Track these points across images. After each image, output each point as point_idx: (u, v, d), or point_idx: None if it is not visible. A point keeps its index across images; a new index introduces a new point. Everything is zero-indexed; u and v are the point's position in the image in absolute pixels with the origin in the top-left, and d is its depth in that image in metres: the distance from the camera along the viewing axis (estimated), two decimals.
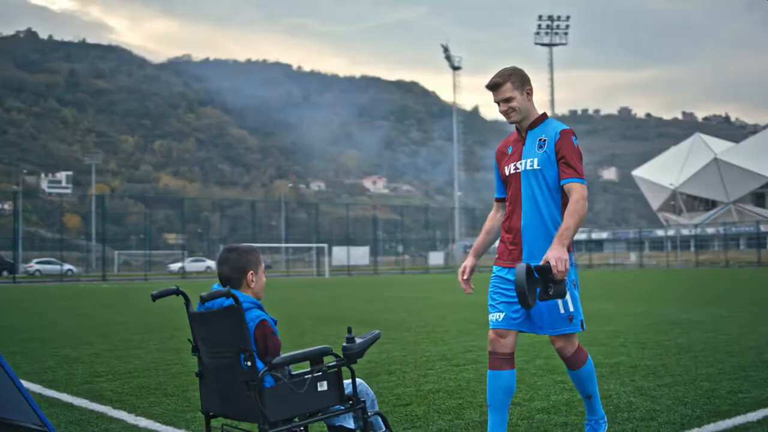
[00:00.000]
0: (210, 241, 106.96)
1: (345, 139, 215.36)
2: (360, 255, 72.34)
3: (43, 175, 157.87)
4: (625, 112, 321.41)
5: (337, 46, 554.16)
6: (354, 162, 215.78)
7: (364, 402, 3.75)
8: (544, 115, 4.66)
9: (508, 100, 4.54)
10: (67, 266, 64.62)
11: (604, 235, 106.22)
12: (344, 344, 3.72)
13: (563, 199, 4.47)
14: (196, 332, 3.71)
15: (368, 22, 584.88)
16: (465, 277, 4.71)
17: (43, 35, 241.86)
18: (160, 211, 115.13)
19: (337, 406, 3.70)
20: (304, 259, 79.81)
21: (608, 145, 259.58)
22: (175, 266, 68.61)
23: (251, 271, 3.86)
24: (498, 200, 4.87)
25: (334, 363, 3.67)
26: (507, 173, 4.65)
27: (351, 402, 3.69)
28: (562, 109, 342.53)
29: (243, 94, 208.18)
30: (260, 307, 3.70)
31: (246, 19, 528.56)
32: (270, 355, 3.54)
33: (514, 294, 4.40)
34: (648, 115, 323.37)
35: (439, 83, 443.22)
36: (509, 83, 4.54)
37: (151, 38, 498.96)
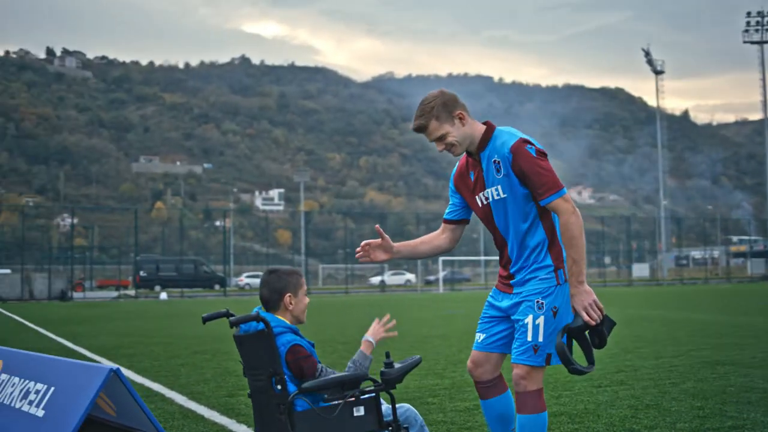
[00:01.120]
0: None
1: (548, 149, 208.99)
2: None
3: (256, 193, 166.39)
4: None
5: (538, 56, 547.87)
6: (558, 172, 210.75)
7: (407, 428, 3.70)
8: (488, 128, 4.12)
9: (441, 138, 4.06)
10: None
11: None
12: (382, 369, 3.69)
13: (545, 213, 4.05)
14: (240, 354, 3.81)
15: (569, 30, 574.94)
16: (364, 244, 4.29)
17: (256, 61, 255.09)
18: (365, 225, 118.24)
19: None
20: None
21: None
22: (375, 279, 70.20)
23: (289, 294, 3.87)
24: (446, 222, 4.40)
25: (371, 388, 3.65)
26: (479, 205, 4.19)
27: (391, 428, 3.66)
28: None
29: None
30: (294, 332, 3.73)
31: (446, 33, 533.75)
32: (306, 378, 3.57)
33: (498, 315, 4.20)
34: None
35: (645, 88, 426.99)
36: (433, 120, 4.03)
37: (356, 58, 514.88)
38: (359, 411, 3.58)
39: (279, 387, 3.46)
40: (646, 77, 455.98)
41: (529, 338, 3.95)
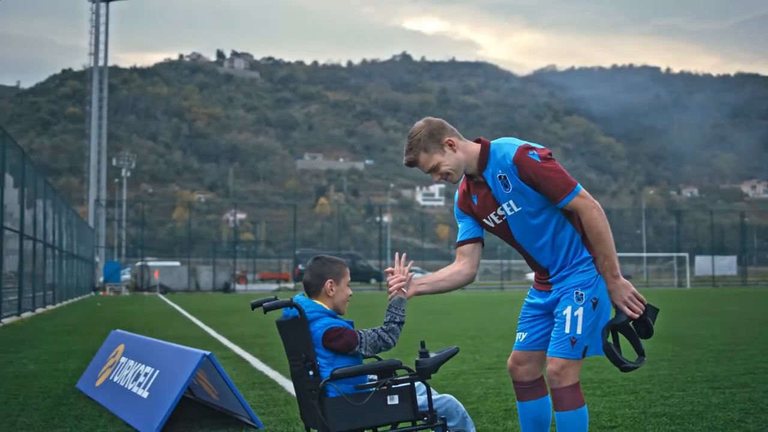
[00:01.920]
0: None
1: (719, 141, 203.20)
2: (725, 265, 67.71)
3: (417, 189, 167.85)
4: None
5: (709, 45, 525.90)
6: (729, 166, 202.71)
7: (444, 419, 3.65)
8: (483, 145, 3.97)
9: (435, 169, 3.94)
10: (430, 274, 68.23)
11: None
12: (417, 359, 3.66)
13: (564, 213, 3.90)
14: (282, 340, 3.87)
15: (743, 16, 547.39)
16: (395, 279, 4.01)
17: (417, 57, 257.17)
18: None
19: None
20: (667, 269, 76.64)
21: None
22: (531, 275, 69.33)
23: (331, 280, 3.87)
24: (460, 245, 4.19)
25: (405, 377, 3.63)
26: (492, 225, 4.03)
27: (426, 418, 3.62)
28: None
29: (609, 100, 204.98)
30: (332, 315, 3.73)
31: (609, 23, 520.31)
32: (352, 349, 3.59)
33: (539, 312, 4.05)
34: None
35: None
36: (422, 153, 3.92)
37: (517, 51, 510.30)
38: (393, 399, 3.56)
39: (311, 373, 3.49)
40: None
41: (567, 330, 3.82)
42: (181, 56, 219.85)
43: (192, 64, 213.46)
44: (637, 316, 3.69)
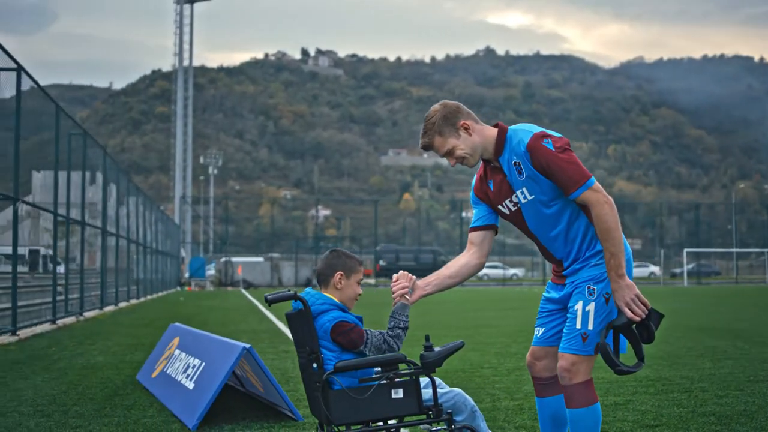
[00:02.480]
0: (666, 246, 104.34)
1: None
2: None
3: None
4: None
5: None
6: None
7: (450, 413, 3.63)
8: (500, 130, 3.92)
9: (450, 152, 3.90)
10: (512, 271, 67.59)
11: None
12: (422, 353, 3.64)
13: (579, 205, 3.81)
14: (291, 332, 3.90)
15: None
16: (398, 286, 3.95)
17: (500, 51, 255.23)
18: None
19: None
20: (759, 266, 74.34)
21: None
22: None
23: (341, 273, 3.87)
24: (472, 230, 4.16)
25: (410, 371, 3.62)
26: (507, 213, 3.96)
27: (431, 412, 3.60)
28: None
29: (699, 92, 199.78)
30: (341, 309, 3.73)
31: (699, 13, 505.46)
32: (358, 347, 3.60)
33: (556, 307, 3.95)
34: None
35: None
36: (437, 137, 3.88)
37: (603, 43, 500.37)
38: (398, 393, 3.56)
39: (315, 365, 3.52)
40: None
41: (578, 326, 3.75)
42: (266, 55, 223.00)
43: (277, 62, 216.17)
44: (637, 319, 3.60)
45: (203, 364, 6.52)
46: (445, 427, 3.65)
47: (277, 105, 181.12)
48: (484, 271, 65.88)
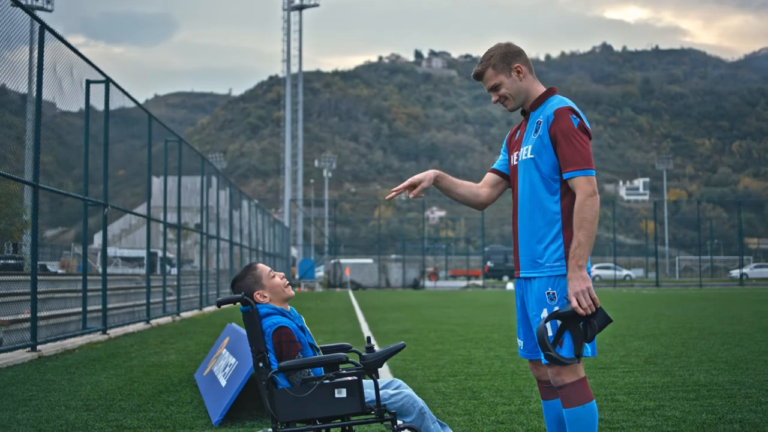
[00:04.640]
0: None
1: None
2: None
3: (621, 183, 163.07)
4: None
5: None
6: None
7: (394, 413, 3.70)
8: (550, 90, 4.00)
9: (495, 87, 3.99)
10: (625, 272, 66.12)
11: None
12: (362, 354, 3.73)
13: (565, 188, 3.79)
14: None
15: None
16: (406, 184, 4.13)
17: (617, 47, 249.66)
18: (738, 215, 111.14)
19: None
20: None
21: None
22: (735, 272, 65.65)
23: (257, 292, 3.98)
24: (491, 171, 4.30)
25: (352, 371, 3.70)
26: (511, 164, 4.10)
27: (373, 411, 3.68)
28: None
29: None
30: (282, 314, 3.86)
31: None
32: (280, 360, 3.73)
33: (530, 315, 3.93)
34: None
35: None
36: (490, 69, 3.98)
37: (726, 35, 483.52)
38: (341, 393, 3.66)
39: (261, 364, 3.65)
40: None
41: (550, 333, 3.73)
42: (380, 58, 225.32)
43: (391, 65, 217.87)
44: (581, 311, 3.58)
45: (237, 362, 6.76)
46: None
47: (391, 107, 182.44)
48: (595, 272, 64.49)
